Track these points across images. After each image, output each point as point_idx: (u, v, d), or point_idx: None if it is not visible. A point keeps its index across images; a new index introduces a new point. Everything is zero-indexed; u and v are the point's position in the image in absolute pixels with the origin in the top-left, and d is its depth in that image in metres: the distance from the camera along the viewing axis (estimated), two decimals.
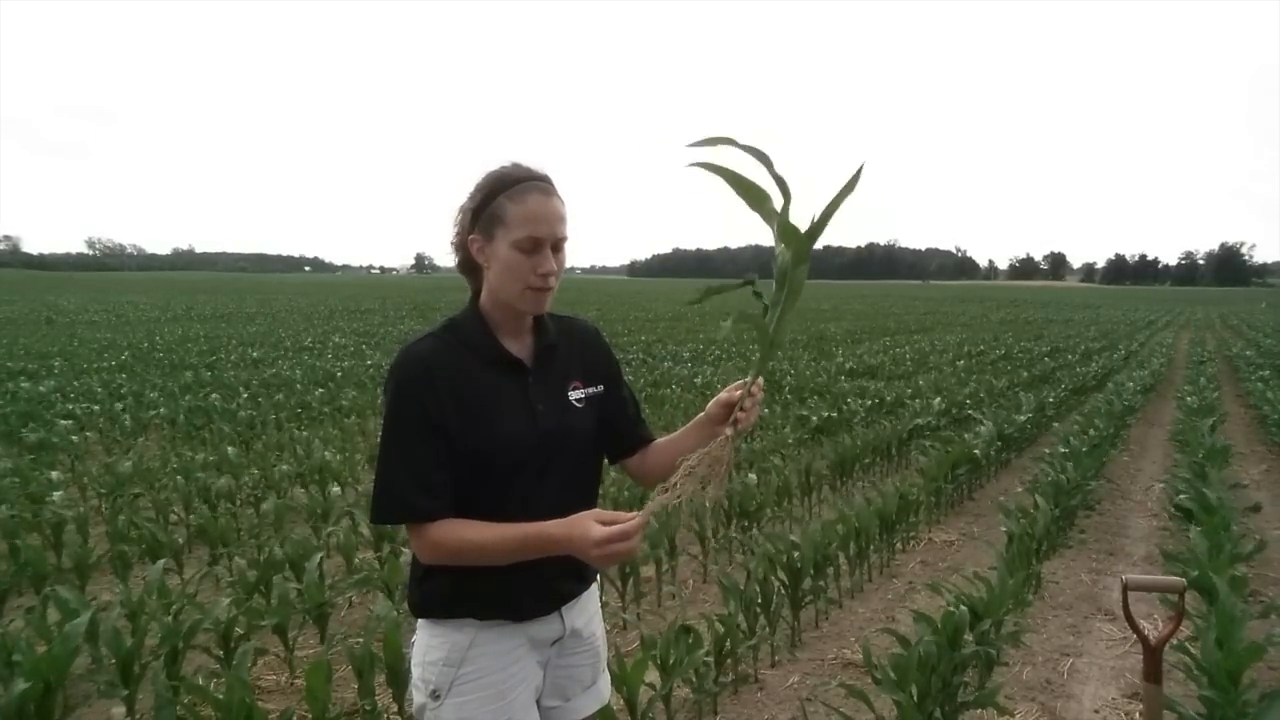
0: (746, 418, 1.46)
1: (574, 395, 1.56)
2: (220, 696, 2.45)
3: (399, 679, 2.88)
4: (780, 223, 1.31)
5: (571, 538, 1.34)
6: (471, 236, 1.47)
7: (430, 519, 1.41)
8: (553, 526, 1.36)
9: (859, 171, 1.28)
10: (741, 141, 1.27)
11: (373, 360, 13.85)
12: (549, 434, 1.49)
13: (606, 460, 1.68)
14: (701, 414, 1.55)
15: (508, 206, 1.42)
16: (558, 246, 1.45)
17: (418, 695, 1.51)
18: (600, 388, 1.61)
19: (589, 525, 1.33)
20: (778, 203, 1.31)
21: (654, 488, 1.48)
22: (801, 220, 1.30)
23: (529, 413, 1.49)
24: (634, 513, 1.35)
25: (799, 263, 1.33)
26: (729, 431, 1.42)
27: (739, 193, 1.31)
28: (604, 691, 1.68)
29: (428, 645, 1.50)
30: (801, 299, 1.41)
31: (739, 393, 1.48)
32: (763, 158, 1.27)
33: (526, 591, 1.48)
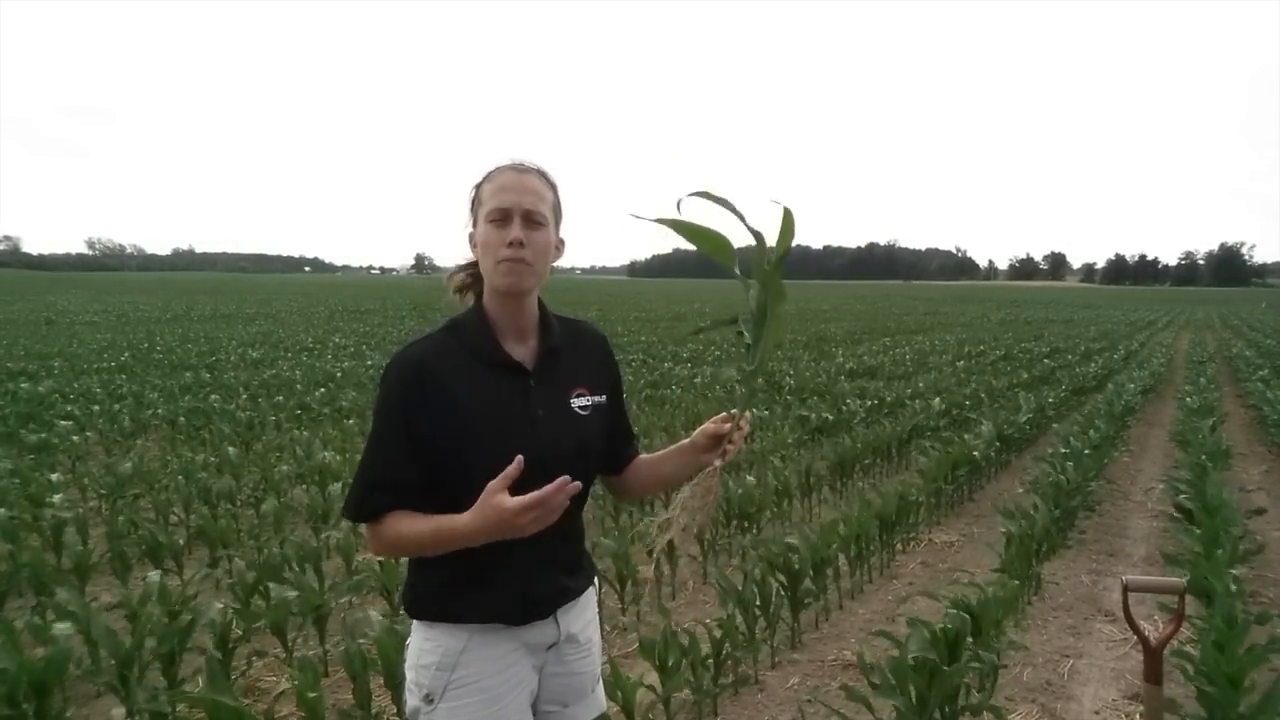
0: (734, 450, 1.48)
1: (578, 402, 1.53)
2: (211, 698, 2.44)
3: (397, 680, 2.87)
4: (756, 268, 1.37)
5: (488, 520, 1.32)
6: (470, 232, 1.49)
7: (375, 519, 1.42)
8: (465, 519, 1.34)
9: (787, 214, 1.33)
10: (715, 194, 1.31)
11: (373, 361, 13.84)
12: (549, 440, 1.46)
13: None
14: (686, 441, 1.56)
15: (485, 188, 1.45)
16: (531, 220, 1.42)
17: (411, 699, 1.49)
18: (604, 397, 1.58)
19: (499, 499, 1.31)
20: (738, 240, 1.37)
21: (627, 502, 1.52)
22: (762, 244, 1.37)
23: (528, 418, 1.46)
24: (516, 459, 1.34)
25: (778, 301, 1.39)
26: (717, 463, 1.44)
27: (700, 245, 1.37)
28: (602, 700, 1.66)
29: (421, 649, 1.48)
30: (801, 301, 1.44)
31: (727, 425, 1.48)
32: (733, 209, 1.31)
33: (519, 593, 1.47)
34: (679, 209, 1.33)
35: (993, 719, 2.67)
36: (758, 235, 1.32)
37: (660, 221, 1.33)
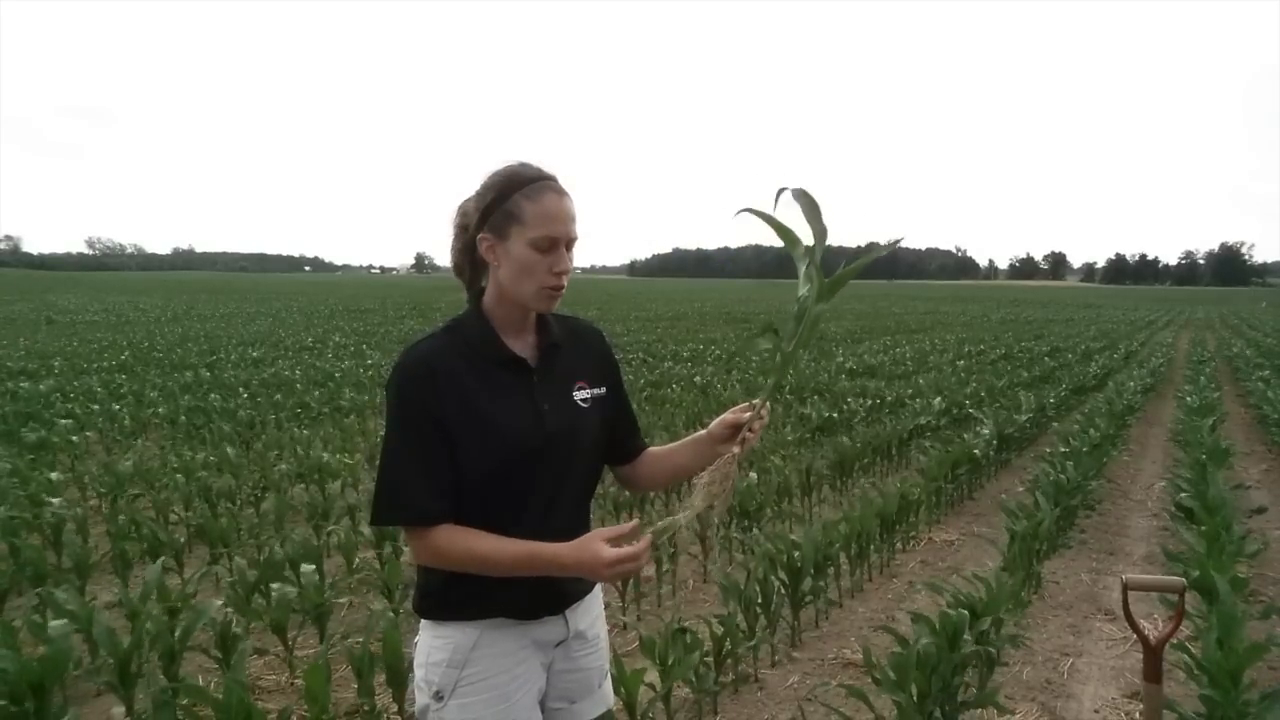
0: (753, 439, 1.49)
1: (579, 395, 1.56)
2: (219, 697, 2.44)
3: (398, 679, 2.88)
4: (809, 268, 1.43)
5: (582, 561, 1.36)
6: (481, 235, 1.46)
7: (435, 523, 1.41)
8: (564, 550, 1.38)
9: (895, 242, 1.46)
10: (795, 189, 1.38)
11: (373, 360, 13.84)
12: (555, 433, 1.48)
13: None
14: (703, 431, 1.57)
15: (524, 205, 1.41)
16: (570, 246, 1.46)
17: (420, 696, 1.50)
18: (603, 389, 1.61)
19: (599, 547, 1.36)
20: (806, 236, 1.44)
21: (638, 494, 1.53)
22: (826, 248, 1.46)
23: (534, 412, 1.48)
24: (632, 522, 1.37)
25: (819, 300, 1.43)
26: (736, 450, 1.45)
27: (781, 236, 1.44)
28: (609, 696, 1.67)
29: (431, 646, 1.49)
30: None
31: (747, 414, 1.50)
32: (810, 206, 1.38)
33: (532, 591, 1.47)
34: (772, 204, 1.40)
35: (993, 715, 2.67)
36: (819, 233, 1.40)
37: (754, 213, 1.40)
